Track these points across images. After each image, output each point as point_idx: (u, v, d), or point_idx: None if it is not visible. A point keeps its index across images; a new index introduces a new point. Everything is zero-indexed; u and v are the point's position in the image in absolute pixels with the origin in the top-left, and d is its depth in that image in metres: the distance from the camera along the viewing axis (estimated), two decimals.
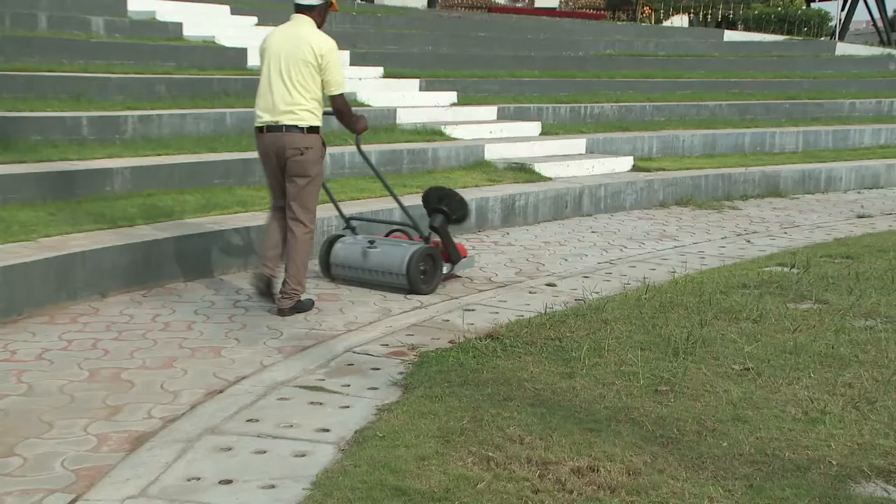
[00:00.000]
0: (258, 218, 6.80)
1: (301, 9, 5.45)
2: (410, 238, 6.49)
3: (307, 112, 5.33)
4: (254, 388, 4.11)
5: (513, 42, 16.18)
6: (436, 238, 6.28)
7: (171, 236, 6.09)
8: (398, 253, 6.05)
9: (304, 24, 5.42)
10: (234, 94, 9.99)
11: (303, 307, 5.51)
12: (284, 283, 5.44)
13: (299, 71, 5.30)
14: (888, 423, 3.60)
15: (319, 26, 5.43)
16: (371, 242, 6.18)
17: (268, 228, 5.57)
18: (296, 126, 5.30)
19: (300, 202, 5.38)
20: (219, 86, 10.02)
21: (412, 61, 13.35)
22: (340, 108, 5.51)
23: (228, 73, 10.57)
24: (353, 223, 6.52)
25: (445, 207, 6.31)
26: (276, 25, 13.94)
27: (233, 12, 13.54)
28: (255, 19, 13.40)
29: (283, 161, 5.35)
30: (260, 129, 5.38)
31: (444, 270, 6.27)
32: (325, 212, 6.55)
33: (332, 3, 5.47)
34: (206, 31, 12.03)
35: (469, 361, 4.35)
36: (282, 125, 5.29)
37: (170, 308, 5.50)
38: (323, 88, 5.37)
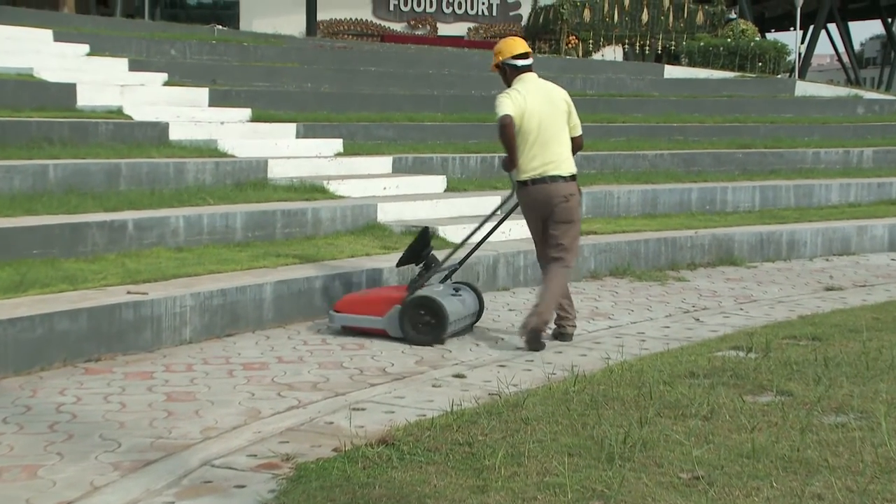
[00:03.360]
0: (89, 297, 6.70)
1: (528, 68, 7.42)
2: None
3: (568, 161, 7.29)
4: None
5: (411, 78, 16.46)
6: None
7: None
8: (474, 295, 7.75)
9: (538, 79, 7.40)
10: (60, 141, 9.88)
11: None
12: (539, 311, 7.11)
13: (557, 122, 7.29)
14: None
15: None
16: (456, 290, 7.58)
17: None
18: (560, 176, 7.21)
19: (568, 244, 7.26)
20: (39, 130, 9.90)
21: (287, 102, 13.45)
22: (581, 145, 7.53)
23: (52, 115, 10.45)
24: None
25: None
26: (112, 55, 13.96)
27: (57, 39, 13.45)
28: (86, 48, 13.34)
29: (549, 209, 7.21)
30: (525, 183, 7.22)
31: None
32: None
33: None
34: (22, 61, 11.90)
35: (358, 474, 4.33)
36: (546, 176, 7.18)
37: None
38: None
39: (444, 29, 32.78)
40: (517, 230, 10.49)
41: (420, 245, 7.63)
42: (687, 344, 7.31)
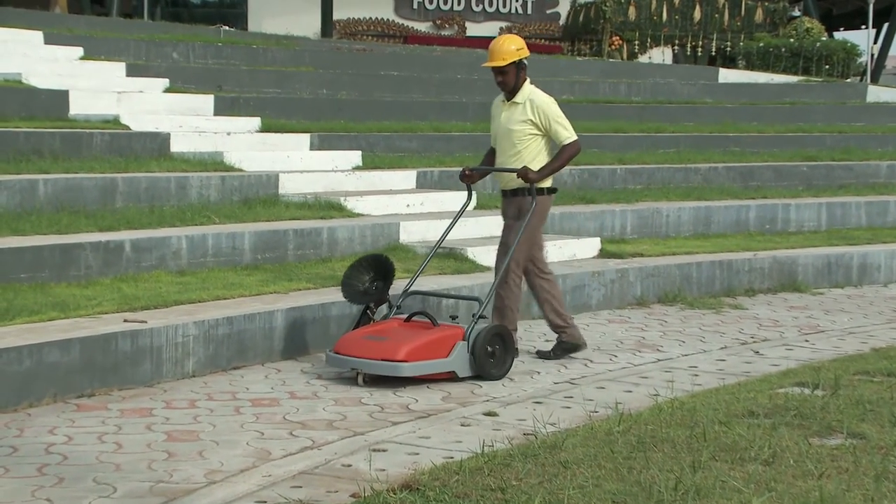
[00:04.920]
0: (82, 326, 6.75)
1: None
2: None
3: None
4: None
5: (437, 84, 16.51)
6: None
7: None
8: None
9: None
10: (51, 153, 9.96)
11: None
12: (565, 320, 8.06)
13: None
14: None
15: None
16: (453, 318, 7.76)
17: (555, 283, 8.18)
18: None
19: None
20: (28, 142, 9.99)
21: (300, 110, 13.52)
22: None
23: (42, 125, 10.55)
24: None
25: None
26: (108, 59, 14.08)
27: (48, 41, 13.57)
28: (79, 51, 13.46)
29: None
30: (553, 189, 8.10)
31: None
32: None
33: None
34: (9, 66, 12.02)
35: None
36: None
37: None
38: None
39: (474, 29, 32.85)
40: (554, 252, 10.50)
41: (374, 274, 7.65)
42: (745, 379, 7.29)
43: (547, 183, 7.97)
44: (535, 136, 7.85)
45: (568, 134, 7.82)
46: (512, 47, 7.78)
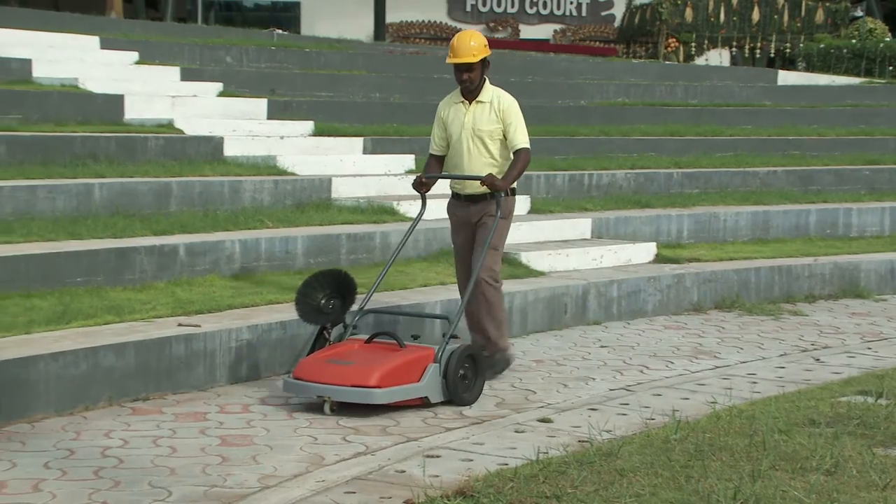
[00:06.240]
0: (137, 330, 6.82)
1: None
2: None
3: None
4: None
5: None
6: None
7: (10, 359, 6.06)
8: None
9: None
10: (106, 158, 10.07)
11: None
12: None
13: None
14: None
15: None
16: (415, 337, 7.18)
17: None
18: None
19: None
20: (84, 146, 10.11)
21: (353, 113, 13.57)
22: None
23: (98, 130, 10.66)
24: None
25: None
26: (162, 63, 14.18)
27: (104, 46, 13.73)
28: (135, 55, 13.60)
29: None
30: (514, 191, 7.75)
31: None
32: None
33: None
34: (66, 70, 12.16)
35: None
36: None
37: (8, 460, 5.45)
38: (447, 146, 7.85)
39: (527, 31, 32.93)
40: (609, 257, 10.50)
41: (330, 291, 7.12)
42: (805, 387, 7.23)
43: (513, 184, 7.59)
44: (502, 138, 7.55)
45: (525, 139, 7.50)
46: (479, 44, 7.45)
